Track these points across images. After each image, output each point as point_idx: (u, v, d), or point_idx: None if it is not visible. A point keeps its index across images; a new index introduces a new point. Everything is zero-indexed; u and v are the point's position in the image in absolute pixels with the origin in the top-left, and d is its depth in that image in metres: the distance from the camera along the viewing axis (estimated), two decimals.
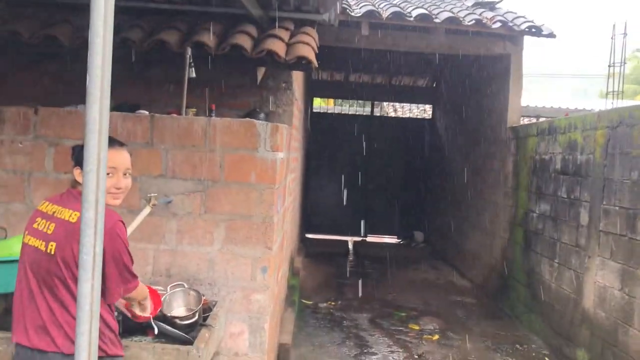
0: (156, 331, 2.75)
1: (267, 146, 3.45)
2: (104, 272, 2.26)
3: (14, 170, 3.47)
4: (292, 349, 5.42)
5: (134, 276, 2.39)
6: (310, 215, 12.03)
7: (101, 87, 1.74)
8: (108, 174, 2.33)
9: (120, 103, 4.06)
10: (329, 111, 13.57)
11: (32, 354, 2.23)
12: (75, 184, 2.37)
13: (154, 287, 2.73)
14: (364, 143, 12.28)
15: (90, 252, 1.82)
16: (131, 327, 2.93)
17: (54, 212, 2.31)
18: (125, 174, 2.41)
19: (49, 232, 2.26)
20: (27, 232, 2.34)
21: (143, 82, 4.92)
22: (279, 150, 3.46)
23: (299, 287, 7.43)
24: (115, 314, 2.82)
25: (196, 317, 2.80)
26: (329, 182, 12.32)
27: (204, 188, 3.48)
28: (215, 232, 3.48)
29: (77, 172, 2.34)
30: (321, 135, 11.85)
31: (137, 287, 2.42)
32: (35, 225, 2.32)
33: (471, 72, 9.04)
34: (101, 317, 2.29)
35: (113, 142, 2.39)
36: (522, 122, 7.91)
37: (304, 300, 7.24)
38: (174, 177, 3.47)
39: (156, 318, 2.88)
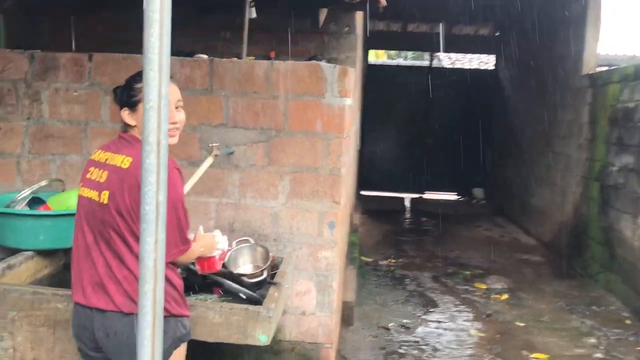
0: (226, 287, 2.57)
1: (335, 91, 3.16)
2: None
3: (69, 121, 3.31)
4: (356, 307, 5.24)
5: (186, 239, 2.16)
6: (365, 172, 11.75)
7: (160, 8, 1.49)
8: None
9: (174, 52, 3.85)
10: (385, 63, 13.07)
11: (90, 313, 2.07)
12: (125, 127, 2.16)
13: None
14: (422, 96, 11.82)
15: (153, 202, 1.61)
16: (196, 285, 2.77)
17: (106, 160, 2.12)
18: (177, 108, 2.20)
19: (102, 180, 2.07)
20: (81, 184, 2.17)
21: (197, 29, 4.68)
22: (346, 95, 3.18)
23: (358, 244, 7.22)
24: (179, 270, 2.66)
25: (264, 274, 2.60)
26: (384, 137, 11.95)
27: (267, 138, 3.24)
28: (280, 185, 3.25)
29: (124, 113, 2.14)
30: (377, 88, 11.43)
31: (187, 252, 2.20)
32: (88, 176, 2.14)
33: (541, 17, 8.41)
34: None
35: None
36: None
37: (363, 258, 7.04)
38: (236, 126, 3.24)
39: (222, 275, 2.70)
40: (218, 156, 2.98)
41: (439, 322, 5.14)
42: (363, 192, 11.68)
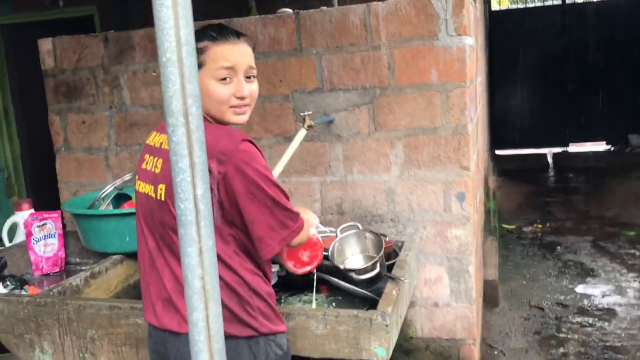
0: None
1: (450, 29, 2.52)
2: (247, 217, 1.59)
3: (152, 105, 2.97)
4: (500, 285, 4.57)
5: (292, 213, 1.64)
6: (497, 129, 10.73)
7: None
8: (224, 78, 1.62)
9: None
10: (510, 8, 11.83)
11: (164, 336, 1.66)
12: None
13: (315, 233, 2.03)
14: (556, 38, 10.53)
15: (190, 197, 1.12)
16: (301, 283, 2.31)
17: (161, 144, 1.67)
18: (249, 77, 1.68)
19: (157, 171, 1.63)
20: (137, 176, 1.75)
21: None
22: (465, 33, 2.52)
23: (497, 211, 6.46)
24: (277, 268, 2.21)
25: (377, 268, 2.07)
26: (516, 88, 10.81)
27: (370, 99, 2.68)
28: (392, 154, 2.69)
29: None
30: (503, 37, 10.35)
31: (302, 228, 1.69)
32: (144, 165, 1.70)
33: None
34: (245, 283, 1.64)
35: (226, 32, 1.65)
36: None
37: (504, 225, 6.27)
38: (333, 89, 2.72)
39: (327, 271, 2.22)
40: (312, 127, 2.48)
41: (604, 296, 4.32)
42: (498, 152, 10.72)
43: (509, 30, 10.44)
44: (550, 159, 10.26)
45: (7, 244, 2.94)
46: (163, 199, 1.59)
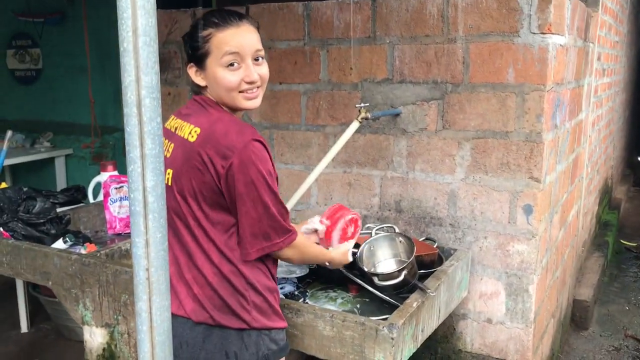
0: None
1: (533, 26, 2.28)
2: (238, 213, 1.59)
3: None
4: (596, 306, 4.17)
5: (281, 227, 1.61)
6: None
7: None
8: (231, 64, 1.61)
9: None
10: None
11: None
12: (195, 88, 1.72)
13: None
14: None
15: (139, 187, 1.13)
16: (336, 279, 2.26)
17: (175, 129, 1.69)
18: (257, 59, 1.64)
19: (168, 155, 1.66)
20: None
21: None
22: (550, 31, 2.27)
23: (618, 225, 5.87)
24: (302, 270, 2.17)
25: (402, 276, 1.95)
26: None
27: (441, 94, 2.51)
28: (458, 156, 2.51)
29: (191, 70, 1.68)
30: None
31: (289, 245, 1.65)
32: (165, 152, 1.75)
33: None
34: (243, 276, 1.63)
35: (228, 16, 1.63)
36: None
37: (624, 242, 5.69)
38: (402, 80, 2.59)
39: (358, 272, 2.14)
40: (367, 119, 2.38)
41: None
42: None
43: None
44: None
45: (92, 201, 3.18)
46: (170, 183, 1.62)
